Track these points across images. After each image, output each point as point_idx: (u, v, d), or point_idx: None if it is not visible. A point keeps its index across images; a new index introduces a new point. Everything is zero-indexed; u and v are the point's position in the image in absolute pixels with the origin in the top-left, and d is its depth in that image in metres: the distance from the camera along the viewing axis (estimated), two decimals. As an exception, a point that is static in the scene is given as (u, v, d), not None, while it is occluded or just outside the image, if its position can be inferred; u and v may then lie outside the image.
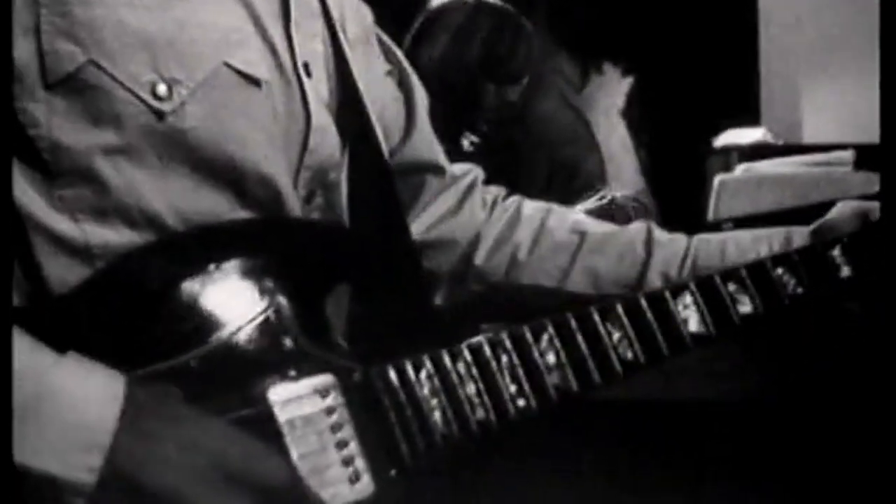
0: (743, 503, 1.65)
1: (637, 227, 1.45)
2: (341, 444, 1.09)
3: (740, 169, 2.39)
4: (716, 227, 2.20)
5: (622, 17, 2.89)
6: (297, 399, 1.09)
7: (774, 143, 2.80)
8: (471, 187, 1.47)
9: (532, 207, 1.48)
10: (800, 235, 1.38)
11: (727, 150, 2.70)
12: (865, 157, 2.27)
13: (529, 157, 2.82)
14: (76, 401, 0.98)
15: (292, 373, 1.10)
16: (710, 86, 3.08)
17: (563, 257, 1.43)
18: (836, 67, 3.06)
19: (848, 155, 2.31)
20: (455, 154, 1.51)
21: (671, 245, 1.42)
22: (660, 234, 1.43)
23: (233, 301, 1.10)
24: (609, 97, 2.94)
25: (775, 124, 3.04)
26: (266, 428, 1.06)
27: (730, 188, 2.26)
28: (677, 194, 2.71)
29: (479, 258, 1.44)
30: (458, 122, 2.72)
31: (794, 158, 2.39)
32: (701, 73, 3.10)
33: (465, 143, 2.68)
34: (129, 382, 1.01)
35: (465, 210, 1.46)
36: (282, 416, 1.07)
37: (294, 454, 1.06)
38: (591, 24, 2.90)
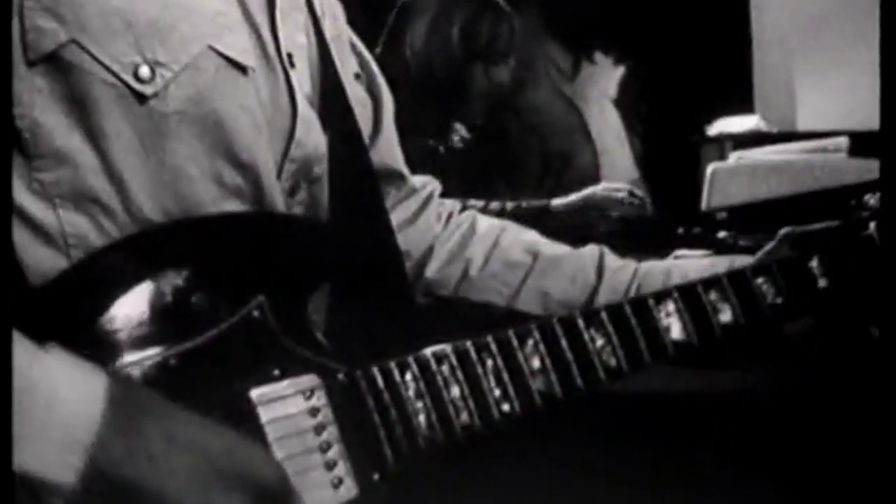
0: (744, 498, 1.64)
1: (590, 251, 1.46)
2: (324, 447, 1.08)
3: (734, 157, 2.39)
4: (710, 216, 2.20)
5: (614, 6, 2.87)
6: (280, 399, 1.07)
7: (768, 130, 2.80)
8: (428, 199, 1.48)
9: (487, 224, 1.49)
10: (742, 264, 1.37)
11: (721, 139, 2.71)
12: (860, 143, 2.26)
13: (522, 148, 2.80)
14: (57, 398, 0.96)
15: (276, 372, 1.08)
16: (703, 74, 3.07)
17: (514, 276, 1.44)
18: (830, 54, 3.05)
19: (842, 142, 2.31)
20: (445, 149, 1.49)
21: (620, 272, 1.42)
22: (611, 259, 1.44)
23: (215, 298, 1.08)
24: (601, 86, 2.92)
25: (769, 112, 3.03)
26: (248, 427, 1.04)
27: (723, 177, 2.26)
28: (671, 183, 2.71)
29: (431, 271, 1.44)
30: (450, 113, 2.69)
31: (788, 146, 2.39)
32: (694, 61, 3.09)
33: (456, 139, 2.65)
34: (113, 379, 0.99)
35: (421, 222, 1.46)
36: (264, 415, 1.06)
37: (276, 455, 1.04)
38: (582, 12, 2.88)
